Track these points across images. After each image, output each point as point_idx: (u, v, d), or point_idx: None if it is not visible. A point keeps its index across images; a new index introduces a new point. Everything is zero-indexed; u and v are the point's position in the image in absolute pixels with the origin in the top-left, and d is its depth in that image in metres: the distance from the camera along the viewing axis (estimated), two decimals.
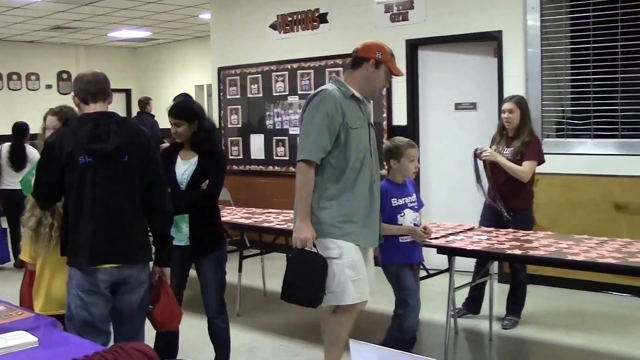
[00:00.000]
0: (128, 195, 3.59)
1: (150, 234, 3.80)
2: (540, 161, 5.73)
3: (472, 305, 6.04)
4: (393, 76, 4.31)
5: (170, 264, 3.92)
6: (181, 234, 4.49)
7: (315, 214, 4.04)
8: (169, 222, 3.87)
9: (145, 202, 3.66)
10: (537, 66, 7.16)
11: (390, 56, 4.21)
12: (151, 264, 3.79)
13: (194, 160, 4.53)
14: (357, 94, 4.15)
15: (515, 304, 5.93)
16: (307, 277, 4.01)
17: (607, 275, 5.86)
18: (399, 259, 4.63)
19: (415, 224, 4.65)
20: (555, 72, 7.27)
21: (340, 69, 8.48)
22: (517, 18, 7.26)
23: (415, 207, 4.70)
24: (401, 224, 4.61)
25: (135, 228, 3.63)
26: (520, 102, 5.79)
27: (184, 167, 4.52)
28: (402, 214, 4.61)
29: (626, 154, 6.75)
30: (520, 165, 5.64)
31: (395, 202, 4.60)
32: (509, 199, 5.70)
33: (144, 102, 12.81)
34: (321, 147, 3.98)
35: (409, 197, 4.69)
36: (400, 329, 4.64)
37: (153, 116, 12.54)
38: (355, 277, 4.09)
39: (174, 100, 4.74)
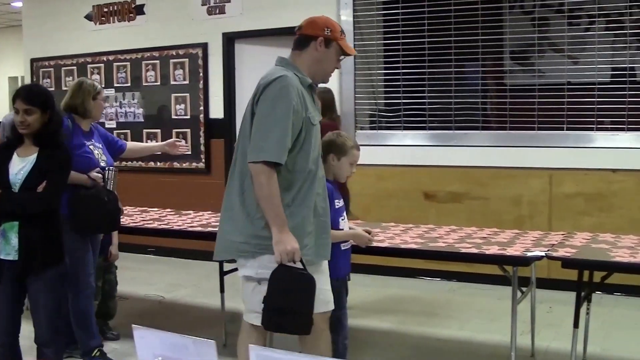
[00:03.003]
0: None
1: None
2: None
3: None
4: (341, 57, 3.65)
5: None
6: (9, 246, 3.76)
7: (263, 228, 3.36)
8: None
9: None
10: (351, 61, 7.36)
11: (341, 33, 3.60)
12: None
13: (32, 157, 3.79)
14: (312, 82, 3.57)
15: None
16: (298, 299, 3.33)
17: (418, 260, 6.11)
18: (344, 271, 4.13)
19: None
20: (369, 67, 7.51)
21: (157, 61, 8.40)
22: (331, 14, 7.38)
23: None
24: (342, 229, 4.01)
25: None
26: (319, 95, 5.87)
27: (20, 166, 3.78)
28: (342, 217, 4.03)
29: (434, 145, 7.09)
30: None
31: (337, 203, 3.96)
32: None
33: None
34: (285, 147, 3.31)
35: (342, 200, 4.07)
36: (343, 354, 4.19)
37: None
38: None
39: None
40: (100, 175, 4.65)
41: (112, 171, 4.74)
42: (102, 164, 4.74)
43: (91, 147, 4.74)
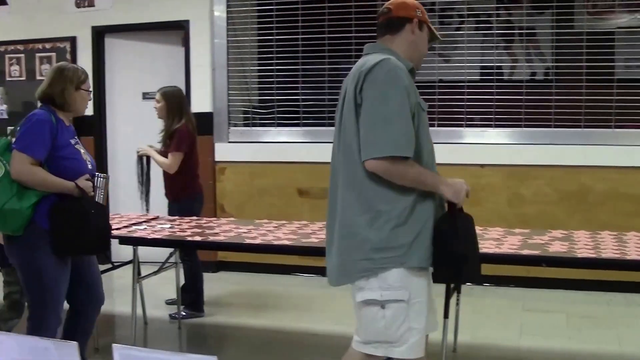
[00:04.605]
0: None
1: None
2: (184, 151, 5.67)
3: (196, 305, 5.91)
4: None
5: None
6: None
7: (390, 235, 2.87)
8: None
9: None
10: (224, 56, 7.32)
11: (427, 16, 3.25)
12: None
13: None
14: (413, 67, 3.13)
15: (192, 296, 5.94)
16: (474, 243, 3.06)
17: (294, 257, 6.12)
18: None
19: None
20: (242, 63, 7.47)
21: (22, 55, 8.06)
22: (204, 8, 7.35)
23: None
24: None
25: None
26: (166, 94, 5.84)
27: None
28: None
29: (308, 142, 7.12)
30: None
31: None
32: (166, 188, 5.82)
33: None
34: (411, 137, 2.84)
35: None
36: None
37: None
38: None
39: None
40: (90, 183, 3.85)
41: (103, 179, 3.95)
42: (89, 166, 3.96)
43: (77, 146, 3.95)
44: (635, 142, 6.38)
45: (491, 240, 4.26)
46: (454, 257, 2.96)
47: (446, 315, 4.14)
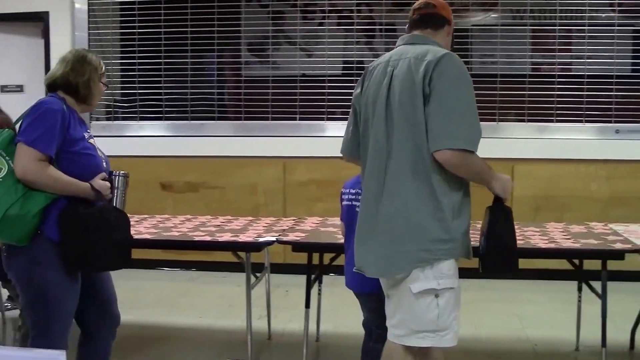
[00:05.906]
0: None
1: None
2: None
3: None
4: None
5: None
6: None
7: (450, 227, 2.88)
8: None
9: None
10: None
11: None
12: None
13: None
14: None
15: None
16: (514, 235, 3.13)
17: (157, 251, 6.05)
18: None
19: None
20: (104, 56, 7.33)
21: None
22: (64, 0, 7.18)
23: None
24: None
25: None
26: None
27: None
28: None
29: (171, 135, 7.11)
30: None
31: None
32: None
33: None
34: (481, 132, 2.91)
35: None
36: None
37: None
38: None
39: None
40: (107, 184, 3.23)
41: (122, 177, 3.30)
42: (104, 164, 3.33)
43: (91, 141, 3.30)
44: (486, 134, 6.66)
45: None
46: (509, 249, 3.11)
47: (307, 305, 4.26)
